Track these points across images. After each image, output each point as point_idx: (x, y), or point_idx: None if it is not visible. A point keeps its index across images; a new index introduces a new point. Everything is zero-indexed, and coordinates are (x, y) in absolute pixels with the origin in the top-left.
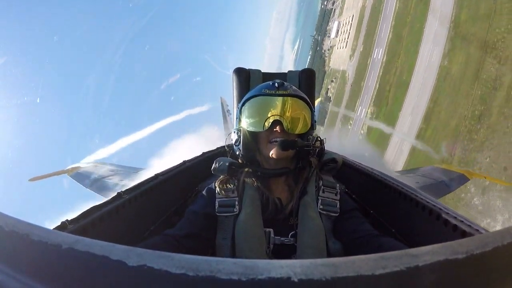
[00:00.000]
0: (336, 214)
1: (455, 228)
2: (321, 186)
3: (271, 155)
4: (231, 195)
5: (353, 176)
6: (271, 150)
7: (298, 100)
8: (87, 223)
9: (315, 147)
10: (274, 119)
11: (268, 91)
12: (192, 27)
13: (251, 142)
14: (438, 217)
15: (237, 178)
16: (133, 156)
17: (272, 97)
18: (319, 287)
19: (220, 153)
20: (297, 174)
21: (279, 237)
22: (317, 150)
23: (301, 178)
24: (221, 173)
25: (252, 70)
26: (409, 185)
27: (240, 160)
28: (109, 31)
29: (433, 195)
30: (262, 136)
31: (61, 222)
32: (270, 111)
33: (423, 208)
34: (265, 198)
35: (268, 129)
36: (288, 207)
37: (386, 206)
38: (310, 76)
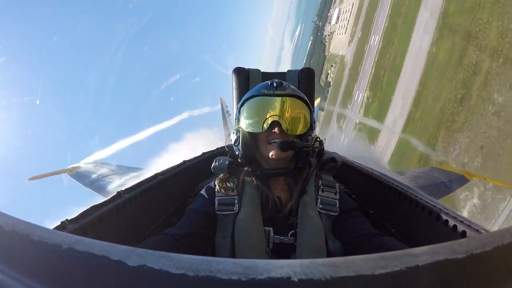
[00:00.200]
0: (335, 213)
1: (455, 228)
2: (321, 186)
3: (270, 156)
4: (231, 193)
5: (353, 176)
6: (270, 151)
7: (297, 100)
8: (87, 222)
9: (314, 148)
10: (273, 120)
11: (266, 91)
12: (191, 27)
13: (250, 142)
14: (438, 217)
15: (237, 176)
16: (133, 157)
17: (270, 97)
18: (319, 287)
19: (220, 153)
20: (297, 174)
21: (278, 236)
22: (316, 150)
23: (300, 178)
24: (221, 171)
25: (252, 70)
26: (409, 186)
27: (240, 160)
28: (109, 31)
29: (432, 196)
30: (261, 137)
31: (61, 221)
32: (268, 111)
33: (423, 208)
34: (265, 196)
35: (267, 130)
36: (287, 206)
37: (386, 207)
38: (310, 75)
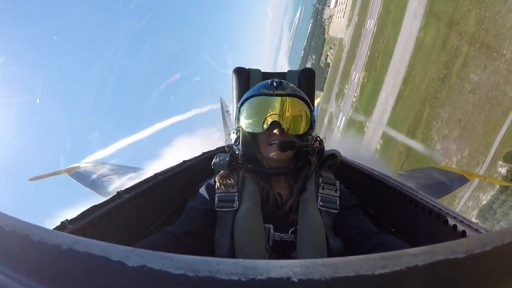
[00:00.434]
0: (336, 210)
1: (455, 227)
2: (321, 183)
3: (270, 156)
4: (231, 190)
5: (352, 176)
6: (270, 152)
7: (297, 100)
8: (87, 223)
9: (314, 148)
10: (273, 120)
11: (266, 91)
12: (191, 27)
13: (251, 142)
14: (438, 217)
15: (237, 174)
16: (133, 157)
17: (270, 97)
18: (319, 287)
19: (220, 153)
20: (297, 173)
21: (278, 233)
22: (316, 150)
23: (300, 177)
24: (221, 168)
25: (252, 70)
26: (409, 185)
27: (240, 160)
28: (109, 31)
29: (432, 196)
30: (261, 137)
31: (61, 222)
32: (268, 111)
33: (423, 208)
34: (265, 193)
35: (267, 130)
36: (288, 203)
37: (386, 206)
38: (310, 75)
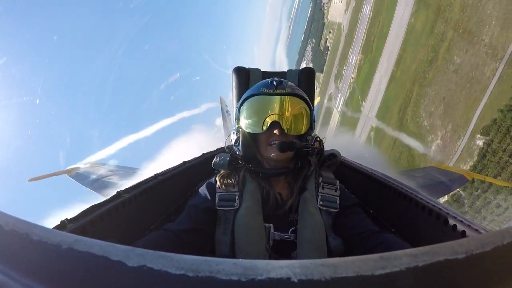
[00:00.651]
0: (336, 210)
1: (454, 228)
2: (321, 183)
3: (270, 156)
4: (232, 189)
5: (352, 176)
6: (270, 152)
7: (296, 99)
8: (87, 222)
9: (314, 148)
10: (273, 120)
11: (266, 90)
12: (191, 27)
13: (251, 143)
14: (438, 217)
15: (238, 173)
16: (133, 156)
17: (270, 96)
18: (318, 287)
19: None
20: (297, 173)
21: (279, 233)
22: (316, 150)
23: (300, 176)
24: (221, 167)
25: (252, 69)
26: (409, 185)
27: (240, 160)
28: (109, 31)
29: (433, 195)
30: (261, 137)
31: (61, 221)
32: (268, 111)
33: (423, 208)
34: (266, 192)
35: (267, 130)
36: (288, 203)
37: (386, 206)
38: (310, 75)
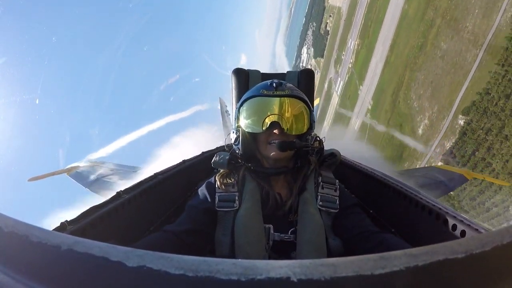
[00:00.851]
0: (335, 210)
1: (454, 227)
2: (321, 183)
3: (270, 155)
4: (231, 189)
5: (352, 176)
6: (270, 151)
7: (296, 100)
8: (87, 223)
9: (314, 147)
10: (273, 121)
11: (265, 92)
12: (191, 28)
13: (250, 142)
14: (438, 217)
15: (237, 173)
16: (133, 156)
17: (270, 98)
18: (318, 287)
19: None
20: (296, 173)
21: (278, 234)
22: (315, 150)
23: (299, 176)
24: (221, 166)
25: (251, 71)
26: (409, 185)
27: (240, 159)
28: (108, 31)
29: (433, 195)
30: (261, 137)
31: (61, 222)
32: (268, 112)
33: (422, 208)
34: (265, 192)
35: (266, 130)
36: (287, 203)
37: (386, 206)
38: (309, 76)
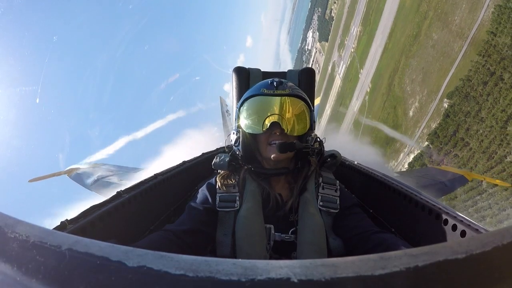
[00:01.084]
0: (336, 210)
1: (454, 227)
2: (321, 183)
3: (270, 156)
4: (232, 190)
5: (352, 176)
6: (270, 152)
7: (297, 100)
8: (87, 222)
9: (314, 148)
10: (273, 121)
11: (266, 91)
12: (191, 28)
13: (251, 143)
14: (438, 217)
15: (238, 174)
16: (133, 156)
17: (270, 97)
18: (318, 287)
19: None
20: (297, 173)
21: (279, 234)
22: (316, 150)
23: (300, 177)
24: (221, 168)
25: (252, 69)
26: (409, 185)
27: (240, 160)
28: (109, 32)
29: (433, 195)
30: (261, 138)
31: (61, 222)
32: (268, 112)
33: (422, 208)
34: (266, 193)
35: (266, 131)
36: (288, 203)
37: (386, 206)
38: (310, 75)
